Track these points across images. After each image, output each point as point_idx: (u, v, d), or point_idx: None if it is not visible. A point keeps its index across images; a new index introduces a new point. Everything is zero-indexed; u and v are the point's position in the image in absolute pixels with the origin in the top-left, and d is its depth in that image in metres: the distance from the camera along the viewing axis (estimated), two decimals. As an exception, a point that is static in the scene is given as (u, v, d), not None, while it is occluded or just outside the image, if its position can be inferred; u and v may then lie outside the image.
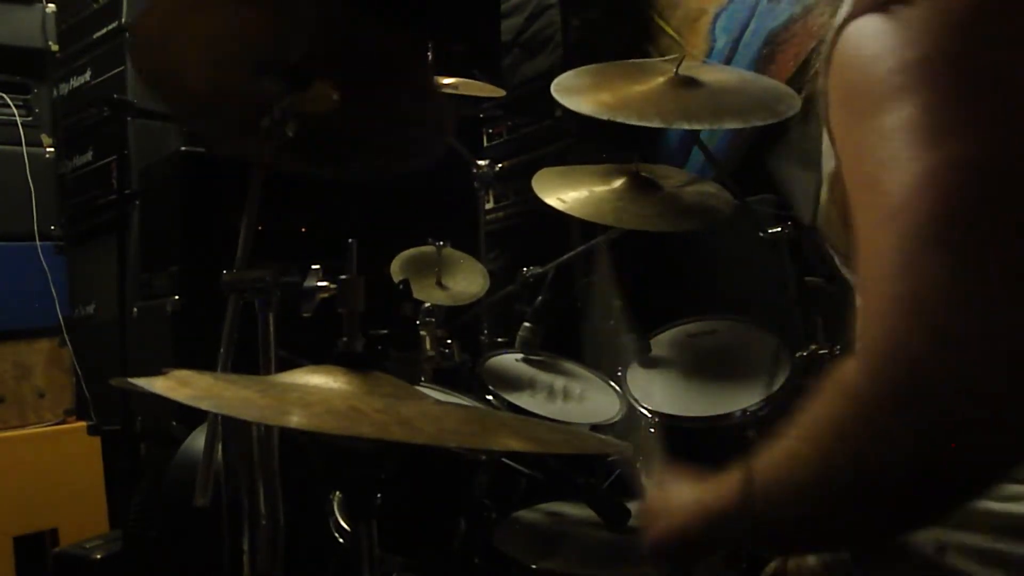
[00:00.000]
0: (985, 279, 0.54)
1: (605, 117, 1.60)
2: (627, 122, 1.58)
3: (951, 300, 0.54)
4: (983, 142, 0.57)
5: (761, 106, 1.64)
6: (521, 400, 1.63)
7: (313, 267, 1.12)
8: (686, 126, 1.64)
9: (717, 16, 2.85)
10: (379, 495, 0.95)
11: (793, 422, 0.64)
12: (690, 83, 1.68)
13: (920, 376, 0.54)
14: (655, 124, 1.63)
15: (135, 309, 2.56)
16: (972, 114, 0.58)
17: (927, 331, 0.54)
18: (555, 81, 1.75)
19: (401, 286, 1.30)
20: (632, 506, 1.36)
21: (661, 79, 1.69)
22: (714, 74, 1.75)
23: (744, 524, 0.66)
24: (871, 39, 0.64)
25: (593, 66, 1.82)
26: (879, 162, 0.60)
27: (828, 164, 0.77)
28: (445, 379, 1.79)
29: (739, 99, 1.71)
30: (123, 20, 2.85)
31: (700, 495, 0.74)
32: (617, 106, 1.62)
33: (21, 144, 3.01)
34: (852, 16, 0.65)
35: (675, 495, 0.78)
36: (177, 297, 2.40)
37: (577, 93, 1.70)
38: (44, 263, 2.98)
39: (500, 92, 2.45)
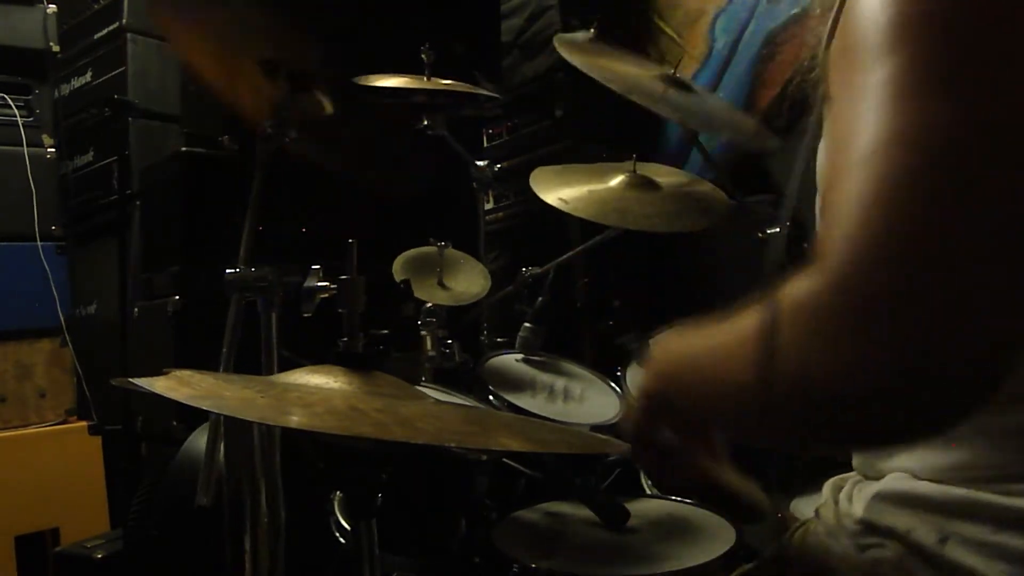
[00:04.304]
0: (951, 232, 0.54)
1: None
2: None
3: (923, 236, 0.54)
4: (960, 102, 0.57)
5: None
6: (522, 401, 1.63)
7: (313, 267, 1.13)
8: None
9: (716, 17, 2.85)
10: (379, 495, 0.95)
11: (737, 323, 0.66)
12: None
13: (889, 292, 0.54)
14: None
15: (136, 309, 2.57)
16: (954, 73, 0.58)
17: (899, 256, 0.54)
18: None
19: (402, 286, 1.30)
20: (630, 506, 1.36)
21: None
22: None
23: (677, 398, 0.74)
24: None
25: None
26: (859, 114, 0.60)
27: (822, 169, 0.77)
28: (446, 379, 1.79)
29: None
30: (124, 21, 2.85)
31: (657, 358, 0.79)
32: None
33: (22, 144, 3.01)
34: None
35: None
36: (178, 297, 2.40)
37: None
38: (45, 263, 2.98)
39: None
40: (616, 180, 1.83)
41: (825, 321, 0.57)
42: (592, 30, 1.84)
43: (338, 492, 1.39)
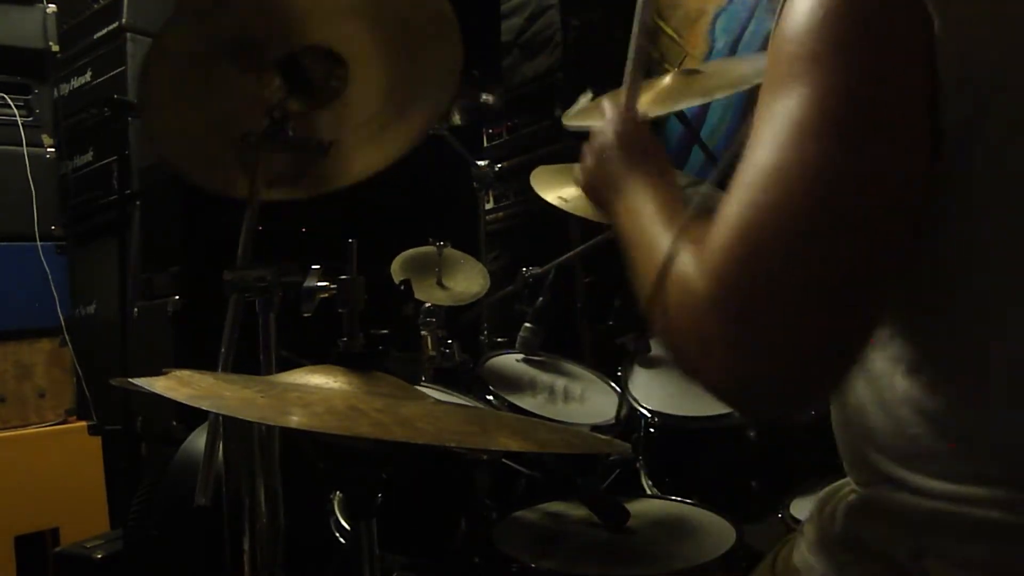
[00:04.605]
0: (791, 274, 0.61)
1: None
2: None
3: (774, 273, 0.62)
4: (832, 157, 0.61)
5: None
6: (522, 401, 1.64)
7: (313, 267, 1.13)
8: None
9: (716, 17, 2.85)
10: (379, 495, 0.95)
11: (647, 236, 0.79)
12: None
13: (737, 309, 0.63)
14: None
15: (136, 309, 2.57)
16: (839, 127, 0.62)
17: (755, 284, 0.62)
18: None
19: (402, 286, 1.30)
20: (630, 506, 1.36)
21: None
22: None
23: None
24: (800, 10, 0.65)
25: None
26: (763, 135, 0.65)
27: None
28: (446, 379, 1.79)
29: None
30: (123, 21, 2.85)
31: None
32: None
33: (22, 144, 3.01)
34: None
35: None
36: (178, 297, 2.40)
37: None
38: (45, 263, 2.98)
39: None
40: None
41: (691, 305, 0.66)
42: (589, 93, 1.86)
43: (338, 492, 1.39)
